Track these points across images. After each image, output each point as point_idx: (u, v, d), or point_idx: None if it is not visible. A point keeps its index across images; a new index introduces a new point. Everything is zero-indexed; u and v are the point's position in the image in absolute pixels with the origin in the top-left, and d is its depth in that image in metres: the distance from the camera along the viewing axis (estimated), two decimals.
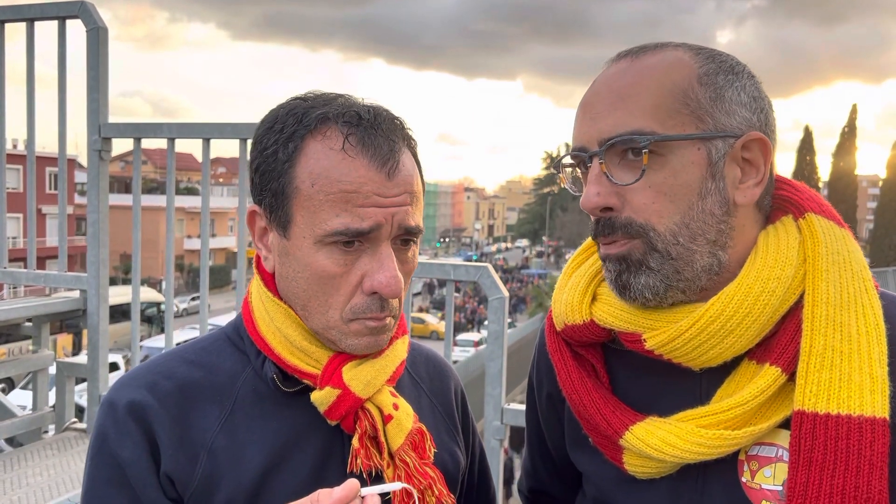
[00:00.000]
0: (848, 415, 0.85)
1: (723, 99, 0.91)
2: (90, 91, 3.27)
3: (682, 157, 0.90)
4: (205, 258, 3.26)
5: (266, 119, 0.99)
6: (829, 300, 0.89)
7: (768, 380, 0.89)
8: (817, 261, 0.91)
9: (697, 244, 0.91)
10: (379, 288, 0.93)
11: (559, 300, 1.05)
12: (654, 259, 0.91)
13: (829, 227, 0.94)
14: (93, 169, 3.32)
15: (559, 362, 1.05)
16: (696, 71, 0.92)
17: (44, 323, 3.69)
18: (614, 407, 0.98)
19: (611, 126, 0.91)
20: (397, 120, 0.98)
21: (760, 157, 0.93)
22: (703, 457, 0.90)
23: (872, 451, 0.84)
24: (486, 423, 2.73)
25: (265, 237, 1.02)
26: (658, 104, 0.90)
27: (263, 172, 0.97)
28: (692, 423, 0.91)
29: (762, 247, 0.93)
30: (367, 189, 0.92)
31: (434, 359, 1.24)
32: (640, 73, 0.92)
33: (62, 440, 3.40)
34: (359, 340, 0.97)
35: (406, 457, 1.00)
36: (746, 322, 0.89)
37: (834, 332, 0.88)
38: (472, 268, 2.81)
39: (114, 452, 0.94)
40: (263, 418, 0.99)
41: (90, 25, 3.26)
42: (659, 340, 0.92)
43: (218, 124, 3.09)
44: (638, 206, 0.91)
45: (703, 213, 0.90)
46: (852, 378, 0.86)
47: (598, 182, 0.92)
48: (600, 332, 1.00)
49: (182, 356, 1.03)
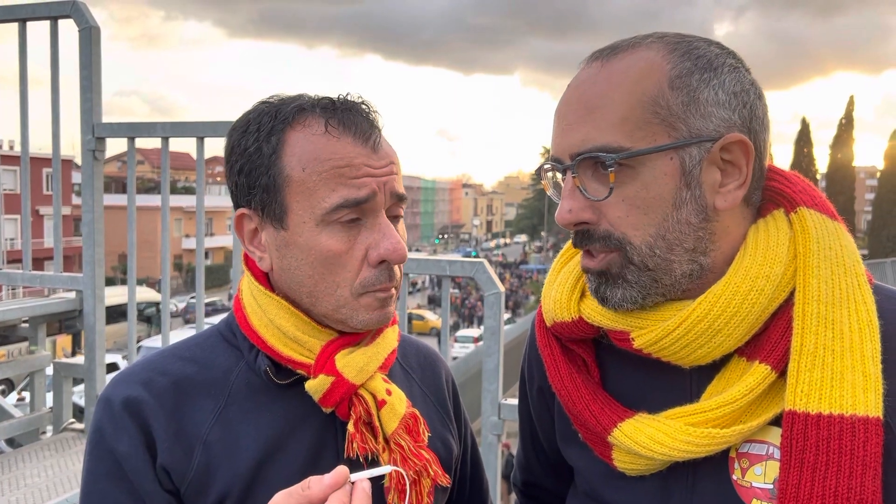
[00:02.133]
0: (840, 414, 0.83)
1: (697, 102, 0.87)
2: (83, 91, 3.27)
3: (653, 170, 0.88)
4: (200, 256, 3.26)
5: (238, 125, 1.01)
6: (821, 297, 0.87)
7: (757, 378, 0.88)
8: (808, 257, 0.90)
9: (675, 254, 0.90)
10: (387, 255, 0.96)
11: (548, 297, 1.05)
12: (631, 272, 0.91)
13: (821, 222, 0.92)
14: (87, 169, 3.31)
15: (548, 357, 1.05)
16: (667, 74, 0.88)
17: (40, 324, 3.69)
18: (603, 403, 0.97)
19: (579, 140, 0.89)
20: (367, 103, 1.01)
21: (742, 158, 0.89)
22: (692, 455, 0.89)
23: (865, 451, 0.82)
24: (484, 419, 2.73)
25: (256, 238, 1.03)
26: (626, 117, 0.87)
27: (249, 172, 0.98)
28: (681, 421, 0.90)
29: (751, 244, 0.91)
30: (357, 161, 0.95)
31: (425, 350, 1.26)
32: (609, 81, 0.89)
33: (60, 440, 3.40)
34: (370, 315, 0.99)
35: (401, 440, 1.01)
36: (734, 321, 0.88)
37: (825, 329, 0.86)
38: (468, 264, 2.81)
39: (111, 447, 0.96)
40: (258, 410, 1.00)
41: (82, 25, 3.25)
42: (647, 340, 0.92)
43: (212, 123, 3.08)
44: (613, 219, 0.90)
45: (678, 223, 0.89)
46: (844, 377, 0.85)
47: (571, 196, 0.91)
48: (589, 329, 0.99)
49: (176, 353, 1.04)
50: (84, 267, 3.35)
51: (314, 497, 0.80)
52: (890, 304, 0.91)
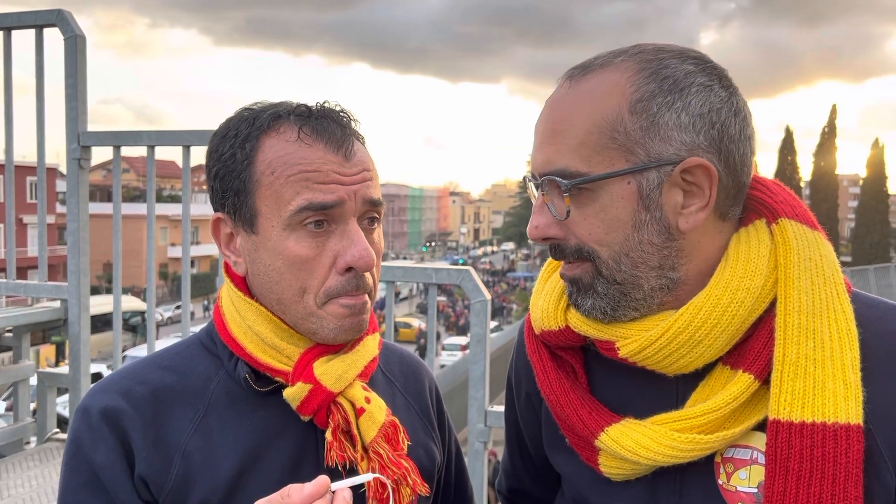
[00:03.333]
0: (823, 423, 0.85)
1: (657, 126, 0.88)
2: (69, 99, 3.26)
3: (610, 193, 0.90)
4: (186, 265, 3.25)
5: (219, 130, 1.02)
6: (802, 308, 0.89)
7: (741, 387, 0.90)
8: (789, 269, 0.91)
9: (640, 271, 0.92)
10: (353, 262, 0.95)
11: (536, 305, 1.07)
12: (601, 284, 0.93)
13: (801, 233, 0.94)
14: (72, 177, 3.30)
15: (537, 363, 1.06)
16: (628, 98, 0.89)
17: (24, 333, 3.66)
18: (591, 408, 0.99)
19: (543, 161, 0.94)
20: (345, 112, 1.02)
21: (704, 180, 0.90)
22: (677, 460, 0.91)
23: (848, 458, 0.84)
24: (470, 426, 2.73)
25: (232, 243, 1.03)
26: (583, 142, 0.90)
27: (223, 176, 0.99)
28: (667, 427, 0.92)
29: (732, 255, 0.93)
30: (326, 168, 0.95)
31: (408, 357, 1.26)
32: (573, 105, 0.92)
33: (44, 451, 3.37)
34: (340, 323, 0.98)
35: (379, 449, 1.01)
36: (715, 332, 0.89)
37: (806, 339, 0.88)
38: (454, 271, 2.82)
39: (88, 457, 0.95)
40: (237, 419, 1.00)
41: (68, 34, 3.24)
42: (631, 349, 0.93)
43: (198, 131, 3.08)
44: (580, 234, 0.93)
45: (640, 244, 0.91)
46: (826, 385, 0.87)
47: (539, 212, 0.96)
48: (576, 338, 1.01)
49: (155, 362, 1.04)
50: (69, 276, 3.33)
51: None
52: (868, 312, 0.93)
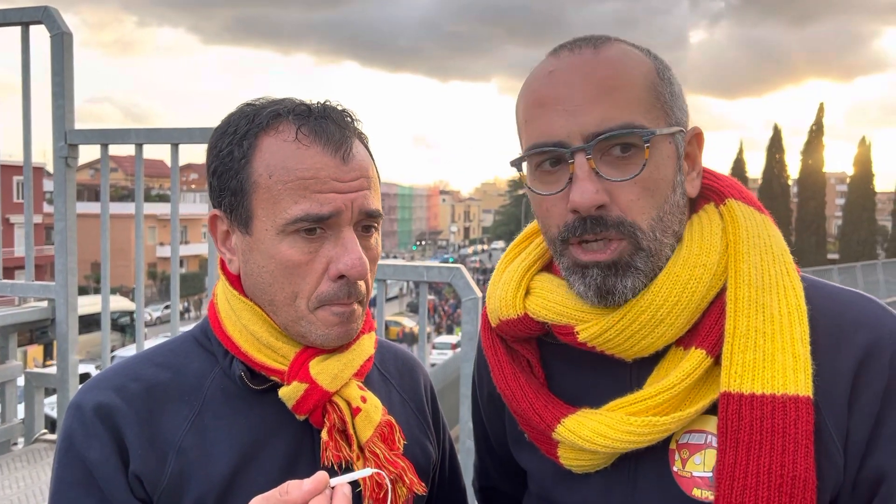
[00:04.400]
0: (772, 394, 0.86)
1: (675, 95, 0.93)
2: (55, 97, 3.23)
3: (661, 152, 0.90)
4: (175, 264, 3.23)
5: (220, 125, 1.01)
6: (751, 282, 0.90)
7: (693, 363, 0.90)
8: (739, 245, 0.93)
9: (667, 236, 0.92)
10: (345, 270, 0.94)
11: (493, 296, 1.05)
12: (641, 258, 0.91)
13: (749, 213, 0.96)
14: (59, 176, 3.27)
15: (492, 358, 1.05)
16: (654, 66, 0.93)
17: (11, 333, 3.62)
18: (546, 401, 0.98)
19: (597, 120, 0.87)
20: (346, 112, 1.00)
21: (697, 149, 0.96)
22: (635, 445, 0.90)
23: (797, 429, 0.84)
24: (462, 424, 2.73)
25: (228, 240, 1.03)
26: (640, 98, 0.90)
27: (221, 174, 0.98)
28: (621, 412, 0.91)
29: (687, 236, 0.94)
30: (323, 174, 0.94)
31: (403, 356, 1.25)
32: (614, 65, 0.90)
33: (32, 452, 3.34)
34: (328, 331, 0.97)
35: (375, 448, 1.01)
36: (676, 310, 0.90)
37: (756, 313, 0.89)
38: (445, 269, 2.82)
39: (81, 454, 0.94)
40: (232, 417, 0.99)
41: (54, 31, 3.21)
42: (591, 332, 0.93)
43: (187, 129, 3.06)
44: (625, 203, 0.89)
45: (673, 206, 0.92)
46: (776, 358, 0.87)
47: (589, 178, 0.88)
48: (534, 326, 1.00)
49: (150, 359, 1.03)
50: (56, 275, 3.30)
51: (293, 503, 0.78)
52: (815, 291, 0.94)
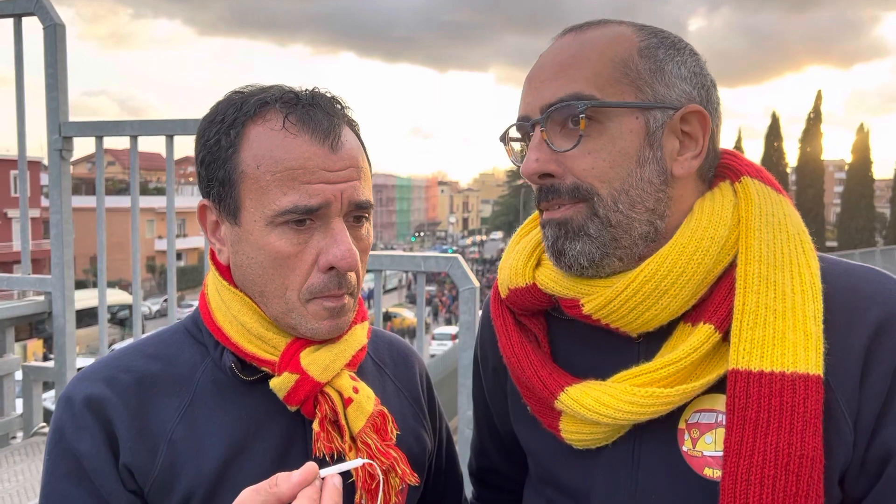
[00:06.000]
0: (782, 372, 0.84)
1: (663, 71, 0.93)
2: (49, 90, 3.21)
3: (619, 125, 0.91)
4: (171, 256, 3.22)
5: (208, 114, 1.00)
6: (762, 259, 0.89)
7: (701, 337, 0.89)
8: (750, 221, 0.92)
9: (636, 212, 0.92)
10: (335, 262, 0.93)
11: (505, 266, 1.07)
12: (594, 225, 0.92)
13: (764, 190, 0.95)
14: (54, 169, 3.26)
15: (500, 327, 1.05)
16: (636, 44, 0.93)
17: (8, 327, 3.62)
18: (551, 370, 0.98)
19: (551, 93, 0.92)
20: (335, 98, 0.99)
21: (699, 129, 0.94)
22: (638, 416, 0.89)
23: (806, 408, 0.83)
24: (460, 414, 2.73)
25: (217, 230, 1.02)
26: (598, 72, 0.91)
27: (209, 164, 0.97)
28: (627, 383, 0.91)
29: (697, 210, 0.94)
30: (311, 164, 0.92)
31: (397, 344, 1.25)
32: (583, 44, 0.94)
33: (30, 445, 3.35)
34: (319, 324, 0.97)
35: (368, 439, 1.00)
36: (680, 282, 0.89)
37: (767, 290, 0.88)
38: (442, 259, 2.81)
39: (71, 446, 0.93)
40: (224, 408, 0.99)
41: (47, 22, 3.19)
42: (596, 304, 0.93)
43: (181, 121, 3.04)
44: (579, 172, 0.92)
45: (641, 181, 0.92)
46: (786, 335, 0.86)
47: (538, 149, 0.93)
48: (542, 298, 1.00)
49: (140, 350, 1.02)
50: (52, 268, 3.29)
51: (282, 495, 0.77)
52: (832, 269, 0.93)
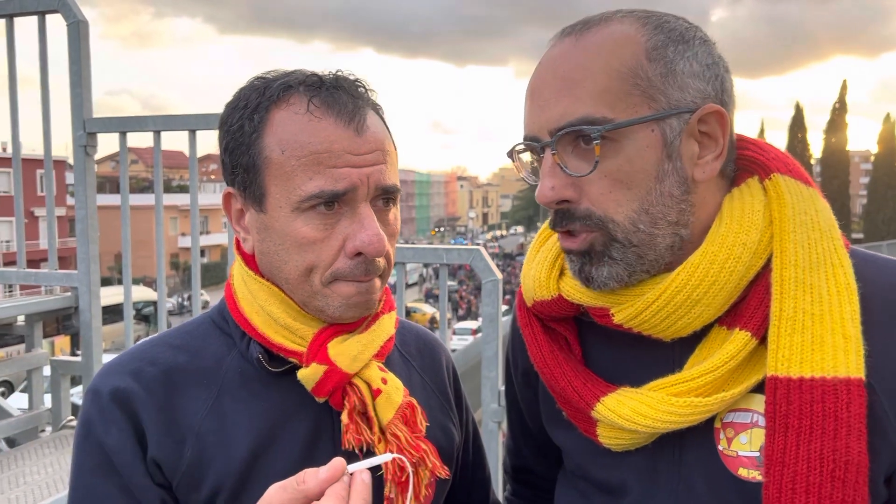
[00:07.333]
0: (822, 377, 0.83)
1: (674, 73, 0.87)
2: (73, 86, 3.24)
3: (636, 142, 0.86)
4: (196, 252, 3.24)
5: (231, 100, 0.98)
6: (798, 262, 0.87)
7: (738, 345, 0.87)
8: (784, 223, 0.89)
9: (658, 227, 0.88)
10: (362, 247, 0.92)
11: (528, 276, 1.04)
12: (616, 249, 0.89)
13: (795, 187, 0.92)
14: (79, 165, 3.29)
15: (529, 336, 1.03)
16: (643, 46, 0.87)
17: (36, 322, 3.67)
18: (585, 379, 0.96)
19: (559, 114, 0.87)
20: (359, 81, 0.98)
21: (718, 129, 0.89)
22: (676, 426, 0.88)
23: (849, 412, 0.81)
24: (484, 406, 2.72)
25: (242, 219, 1.01)
26: (607, 88, 0.86)
27: (232, 150, 0.96)
28: (663, 392, 0.89)
29: (726, 213, 0.90)
30: (337, 148, 0.91)
31: (424, 336, 1.23)
32: (586, 54, 0.88)
33: (59, 438, 3.39)
34: (345, 301, 0.95)
35: (397, 430, 0.98)
36: (713, 291, 0.87)
37: (804, 294, 0.85)
38: (464, 251, 2.80)
39: (99, 440, 0.93)
40: (251, 400, 0.97)
41: (70, 19, 3.22)
42: (626, 314, 0.91)
43: (204, 115, 3.06)
44: (595, 196, 0.88)
45: (661, 197, 0.88)
46: (825, 340, 0.84)
47: (552, 174, 0.89)
48: (569, 307, 0.98)
49: (167, 341, 1.01)
50: (78, 264, 3.33)
51: (310, 492, 0.75)
52: (866, 266, 0.90)
